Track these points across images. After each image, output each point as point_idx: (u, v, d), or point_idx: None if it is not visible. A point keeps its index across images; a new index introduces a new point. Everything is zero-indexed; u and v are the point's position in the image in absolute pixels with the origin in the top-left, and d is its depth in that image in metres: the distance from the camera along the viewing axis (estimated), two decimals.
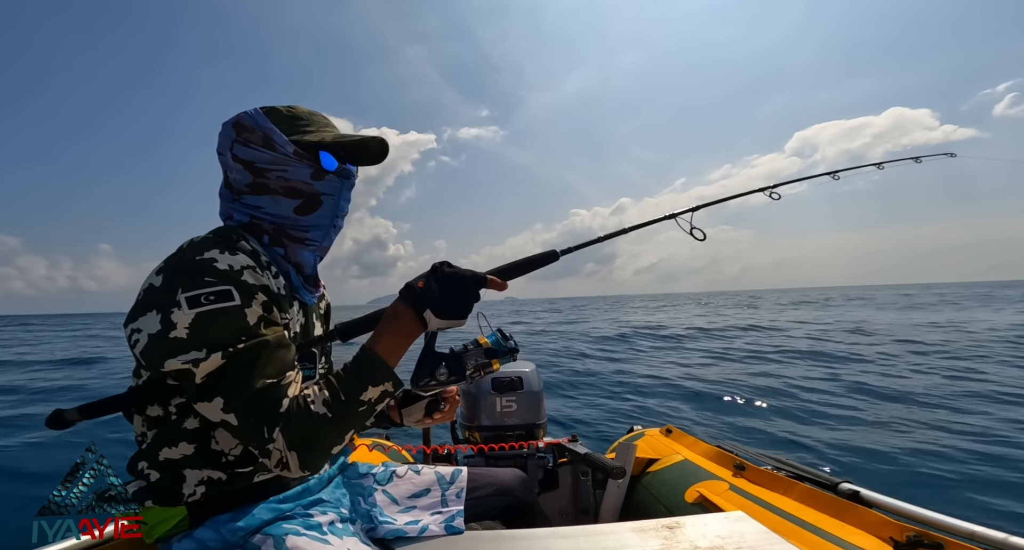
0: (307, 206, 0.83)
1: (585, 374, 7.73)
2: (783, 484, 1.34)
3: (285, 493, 0.81)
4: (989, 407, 4.89)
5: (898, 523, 1.01)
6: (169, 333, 0.66)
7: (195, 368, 0.66)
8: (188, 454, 0.75)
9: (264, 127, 0.80)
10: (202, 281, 0.68)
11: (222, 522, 0.75)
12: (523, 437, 1.89)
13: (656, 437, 2.04)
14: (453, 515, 1.05)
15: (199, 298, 0.66)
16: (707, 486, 1.44)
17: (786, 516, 1.16)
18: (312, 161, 0.82)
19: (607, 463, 1.49)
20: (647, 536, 1.03)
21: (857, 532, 1.04)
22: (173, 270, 0.69)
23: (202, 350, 0.66)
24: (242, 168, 0.81)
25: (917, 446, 3.78)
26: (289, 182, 0.82)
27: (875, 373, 6.88)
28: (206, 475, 0.75)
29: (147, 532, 0.78)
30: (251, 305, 0.70)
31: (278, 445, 0.66)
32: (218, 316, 0.67)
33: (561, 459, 1.90)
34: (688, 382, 6.75)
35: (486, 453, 1.83)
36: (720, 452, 1.67)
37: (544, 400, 2.00)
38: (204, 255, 0.70)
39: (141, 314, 0.68)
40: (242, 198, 0.83)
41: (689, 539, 1.02)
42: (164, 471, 0.75)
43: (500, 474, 1.18)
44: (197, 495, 0.75)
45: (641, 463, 1.77)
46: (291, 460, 0.67)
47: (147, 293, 0.69)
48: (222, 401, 0.67)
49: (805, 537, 1.05)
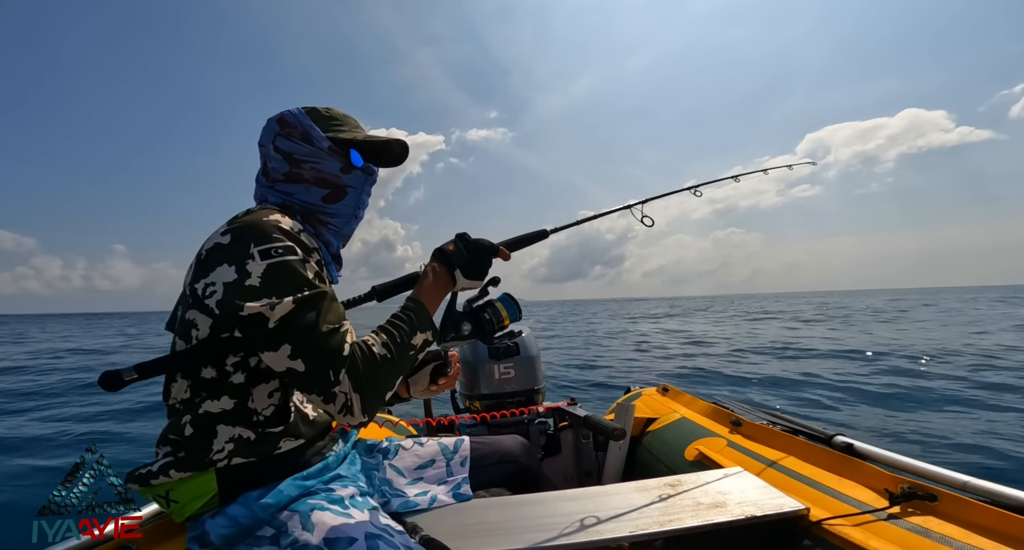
0: (334, 195, 0.93)
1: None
2: (779, 439, 1.38)
3: (308, 470, 0.85)
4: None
5: (892, 475, 1.04)
6: (245, 281, 0.73)
7: (270, 312, 0.71)
8: (227, 409, 0.78)
9: (304, 124, 0.90)
10: (271, 237, 0.76)
11: (253, 499, 0.78)
12: (523, 403, 1.91)
13: (653, 396, 2.08)
14: (459, 483, 1.07)
15: (269, 251, 0.75)
16: (705, 443, 1.48)
17: (783, 470, 1.19)
18: (343, 157, 0.92)
19: (607, 425, 1.52)
20: (650, 495, 1.06)
21: (852, 484, 1.08)
22: (243, 229, 0.77)
23: (276, 295, 0.72)
24: (281, 159, 0.90)
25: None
26: (320, 173, 0.91)
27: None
28: (237, 433, 0.78)
29: (177, 511, 0.78)
30: (309, 261, 0.79)
31: (343, 387, 0.72)
32: (286, 266, 0.75)
33: (562, 423, 1.93)
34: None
35: (488, 421, 1.85)
36: (716, 409, 1.71)
37: (541, 364, 2.02)
38: (270, 217, 0.79)
39: (211, 270, 0.75)
40: (277, 185, 0.92)
41: (691, 496, 1.05)
42: (199, 426, 0.77)
43: (502, 441, 1.20)
44: (224, 453, 0.77)
45: (640, 423, 1.81)
46: (355, 402, 0.73)
47: (215, 251, 0.76)
48: (289, 347, 0.71)
49: (803, 490, 1.08)
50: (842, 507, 0.99)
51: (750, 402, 1.72)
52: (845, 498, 1.02)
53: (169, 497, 0.77)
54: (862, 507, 0.97)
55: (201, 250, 0.78)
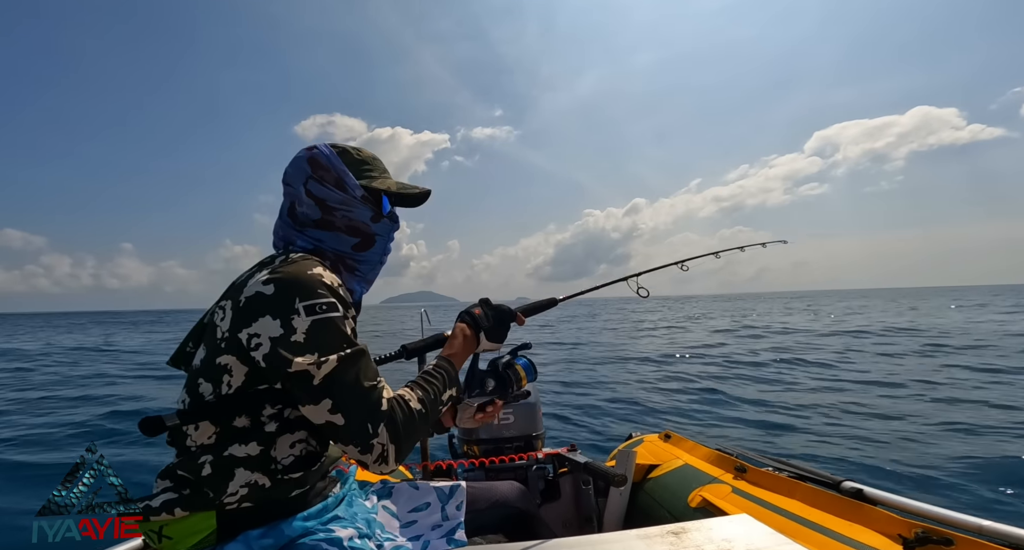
0: (363, 244, 0.94)
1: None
2: (786, 485, 1.33)
3: (308, 511, 0.83)
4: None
5: (905, 520, 1.00)
6: (291, 337, 0.73)
7: (316, 370, 0.72)
8: (252, 455, 0.77)
9: (338, 169, 0.91)
10: (315, 293, 0.76)
11: (253, 538, 0.76)
12: (522, 449, 1.86)
13: (655, 443, 2.03)
14: (454, 528, 1.03)
15: (314, 307, 0.75)
16: (709, 490, 1.43)
17: (791, 517, 1.15)
18: (374, 205, 0.93)
19: (608, 471, 1.47)
20: (652, 543, 1.01)
21: (864, 530, 1.03)
22: (288, 282, 0.76)
23: (319, 352, 0.73)
24: (313, 204, 0.90)
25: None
26: (352, 222, 0.92)
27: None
28: (254, 479, 0.77)
29: (169, 547, 0.75)
30: (348, 317, 0.80)
31: (382, 439, 0.74)
32: (330, 324, 0.76)
33: (561, 469, 1.87)
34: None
35: (486, 466, 1.80)
36: (720, 455, 1.66)
37: (541, 411, 1.98)
38: (313, 271, 0.79)
39: (254, 320, 0.75)
40: (307, 230, 0.92)
41: (695, 544, 1.00)
42: (219, 468, 0.76)
43: (499, 487, 1.16)
44: (236, 497, 0.75)
45: (642, 469, 1.75)
46: (391, 453, 0.75)
47: (258, 301, 0.76)
48: (331, 402, 0.73)
49: (812, 537, 1.04)
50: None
51: (755, 448, 1.68)
52: (857, 545, 0.97)
53: (162, 533, 0.75)
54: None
55: (239, 296, 0.78)
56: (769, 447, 4.37)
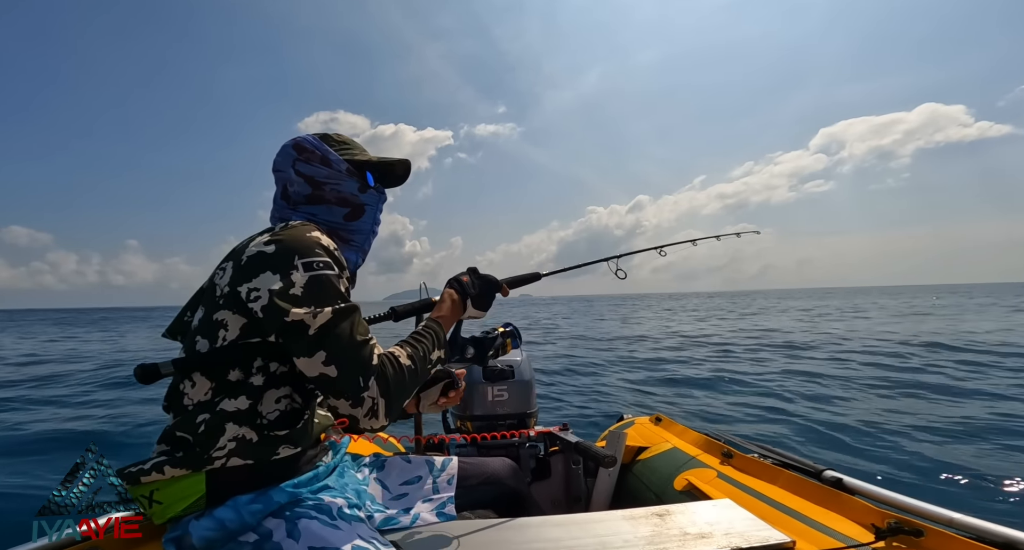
0: (354, 214, 1.00)
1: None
2: (769, 472, 1.37)
3: (299, 478, 0.85)
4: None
5: (879, 510, 1.03)
6: (289, 290, 0.78)
7: (312, 320, 0.77)
8: (241, 409, 0.80)
9: (321, 148, 0.98)
10: (313, 252, 0.82)
11: (242, 503, 0.78)
12: (515, 426, 1.89)
13: (646, 425, 2.06)
14: (444, 502, 1.06)
15: (312, 264, 0.81)
16: (695, 474, 1.46)
17: (772, 503, 1.18)
18: (359, 177, 1.01)
19: (598, 451, 1.51)
20: (637, 524, 1.05)
21: (840, 519, 1.07)
22: (288, 241, 0.82)
23: (316, 305, 0.78)
24: (303, 182, 0.97)
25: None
26: (341, 194, 0.99)
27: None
28: (242, 433, 0.80)
29: (159, 512, 0.77)
30: (342, 277, 0.85)
31: (372, 393, 0.77)
32: (326, 279, 0.81)
33: (552, 448, 1.91)
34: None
35: (478, 442, 1.84)
36: (708, 440, 1.70)
37: (535, 389, 2.01)
38: (311, 233, 0.86)
39: (254, 275, 0.79)
40: (299, 207, 0.98)
41: (679, 526, 1.04)
42: (212, 424, 0.79)
43: (490, 463, 1.19)
44: (224, 452, 0.78)
45: (631, 451, 1.79)
46: (381, 407, 0.79)
47: (258, 258, 0.81)
48: (324, 354, 0.76)
49: (790, 523, 1.07)
50: (828, 541, 0.98)
51: (743, 435, 1.71)
52: (831, 532, 1.01)
53: (152, 498, 0.77)
54: (848, 541, 0.97)
55: (241, 256, 0.82)
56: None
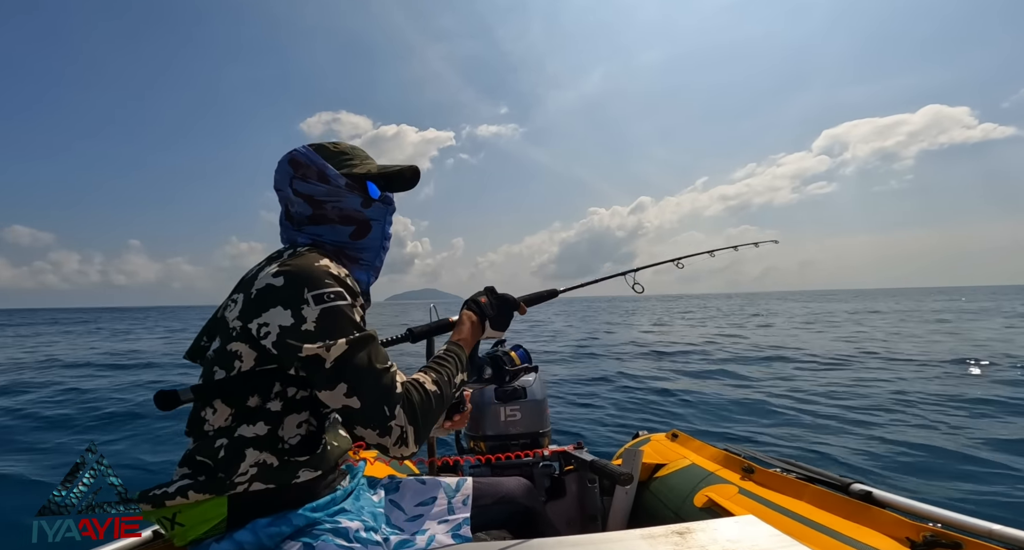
0: (360, 231, 0.96)
1: None
2: (793, 486, 1.32)
3: (317, 502, 0.84)
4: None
5: (913, 523, 0.99)
6: (301, 326, 0.76)
7: (326, 353, 0.75)
8: (260, 434, 0.79)
9: (317, 163, 0.92)
10: (323, 282, 0.80)
11: (261, 526, 0.77)
12: (528, 446, 1.86)
13: (662, 442, 2.02)
14: (459, 523, 1.03)
15: (322, 296, 0.78)
16: (716, 490, 1.42)
17: (798, 518, 1.14)
18: (361, 191, 0.95)
19: (614, 469, 1.47)
20: (657, 542, 1.01)
21: (872, 533, 1.02)
22: (296, 273, 0.80)
23: (330, 337, 0.76)
24: (303, 202, 0.93)
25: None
26: (343, 211, 0.94)
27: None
28: (263, 458, 0.79)
29: (181, 534, 0.77)
30: (355, 306, 0.83)
31: (399, 421, 0.76)
32: (338, 311, 0.79)
33: (567, 467, 1.88)
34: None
35: (492, 463, 1.81)
36: (728, 455, 1.65)
37: (548, 408, 1.98)
38: (319, 263, 0.83)
39: (264, 310, 0.78)
40: (304, 228, 0.95)
41: (700, 544, 1.00)
42: (232, 450, 0.78)
43: (505, 483, 1.17)
44: (247, 477, 0.76)
45: (648, 469, 1.75)
46: (410, 435, 0.78)
47: (268, 292, 0.79)
48: (346, 386, 0.75)
49: (819, 539, 1.03)
50: None
51: (763, 450, 1.67)
52: (863, 547, 0.97)
53: (175, 520, 0.76)
54: None
55: (251, 289, 0.81)
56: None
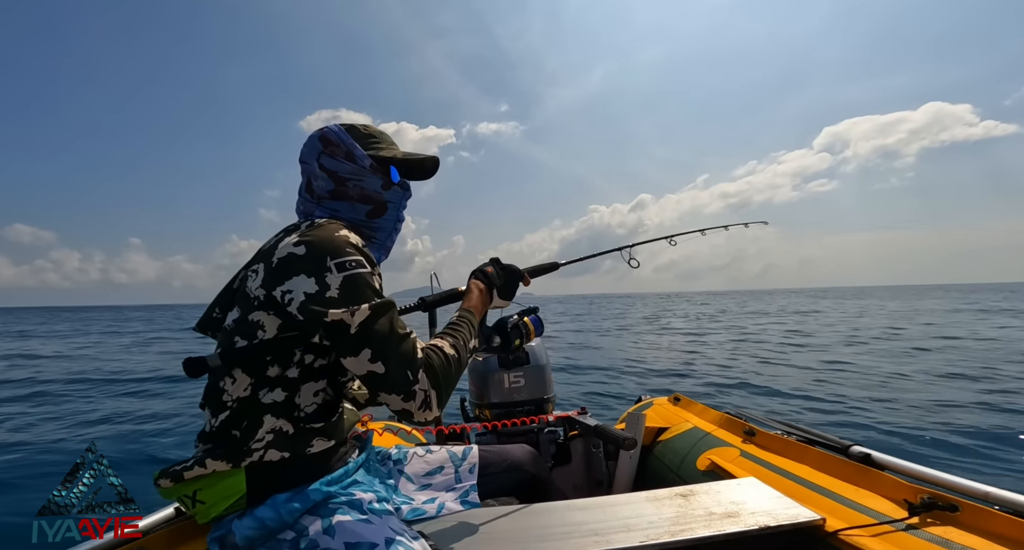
0: (376, 211, 0.98)
1: None
2: (794, 449, 1.35)
3: (331, 475, 0.87)
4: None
5: (912, 485, 1.01)
6: (326, 293, 0.77)
7: (351, 318, 0.76)
8: (278, 401, 0.82)
9: (347, 142, 0.95)
10: (344, 251, 0.81)
11: (281, 501, 0.80)
12: (533, 412, 1.89)
13: (665, 406, 2.05)
14: (467, 490, 1.06)
15: (345, 264, 0.80)
16: (718, 453, 1.45)
17: (798, 480, 1.17)
18: (383, 174, 0.97)
19: (618, 434, 1.50)
20: (661, 505, 1.05)
21: (870, 495, 1.05)
22: (318, 242, 0.81)
23: (353, 303, 0.77)
24: (327, 177, 0.95)
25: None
26: (364, 191, 0.96)
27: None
28: (279, 425, 0.81)
29: (203, 511, 0.79)
30: (375, 273, 0.85)
31: (423, 385, 0.78)
32: (360, 278, 0.80)
33: (572, 432, 1.91)
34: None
35: (498, 430, 1.84)
36: (729, 418, 1.68)
37: (551, 373, 2.01)
38: (340, 232, 0.84)
39: (287, 278, 0.79)
40: (323, 202, 0.96)
41: (703, 506, 1.03)
42: (250, 416, 0.80)
43: (510, 450, 1.19)
44: (263, 444, 0.79)
45: (651, 432, 1.78)
46: (433, 398, 0.80)
47: (290, 260, 0.80)
48: (370, 351, 0.77)
49: (819, 501, 1.06)
50: (859, 517, 0.96)
51: (764, 412, 1.69)
52: (862, 508, 0.99)
53: (196, 498, 0.78)
54: (880, 518, 0.95)
55: (271, 258, 0.81)
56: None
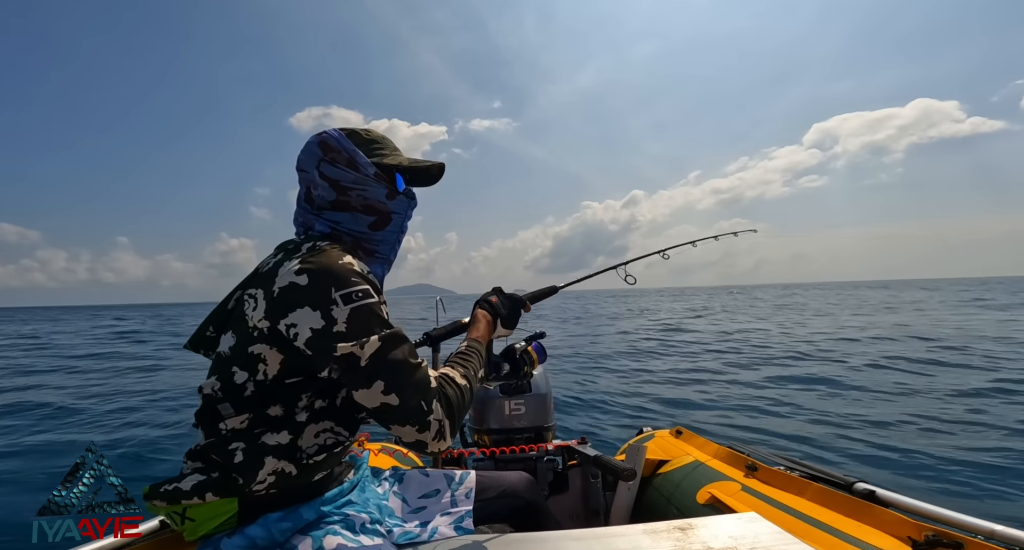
0: (380, 222, 0.93)
1: None
2: (797, 484, 1.32)
3: (325, 496, 0.85)
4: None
5: (916, 523, 0.98)
6: (333, 328, 0.74)
7: (360, 351, 0.74)
8: (282, 443, 0.79)
9: (348, 149, 0.90)
10: (349, 281, 0.77)
11: (273, 520, 0.78)
12: (532, 440, 1.87)
13: (666, 438, 2.02)
14: (462, 516, 1.04)
15: (350, 295, 0.76)
16: (719, 487, 1.42)
17: (800, 516, 1.14)
18: (388, 182, 0.93)
19: (617, 465, 1.48)
20: (659, 538, 1.02)
21: (874, 532, 1.02)
22: (321, 272, 0.77)
23: (362, 335, 0.75)
24: (327, 186, 0.90)
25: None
26: (367, 200, 0.91)
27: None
28: (281, 466, 0.79)
29: (191, 529, 0.77)
30: (381, 302, 0.83)
31: (437, 415, 0.76)
32: (367, 309, 0.77)
33: (571, 462, 1.88)
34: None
35: (496, 456, 1.82)
36: (731, 453, 1.65)
37: (552, 403, 1.99)
38: (343, 260, 0.80)
39: (291, 310, 0.76)
40: (323, 213, 0.92)
41: (701, 540, 1.00)
42: (251, 455, 0.77)
43: (507, 477, 1.18)
44: (264, 485, 0.77)
45: (651, 465, 1.75)
46: (447, 427, 0.78)
47: (292, 291, 0.76)
48: (382, 384, 0.74)
49: (820, 537, 1.03)
50: None
51: (767, 447, 1.66)
52: (865, 546, 0.97)
53: (185, 515, 0.77)
54: None
55: (272, 286, 0.78)
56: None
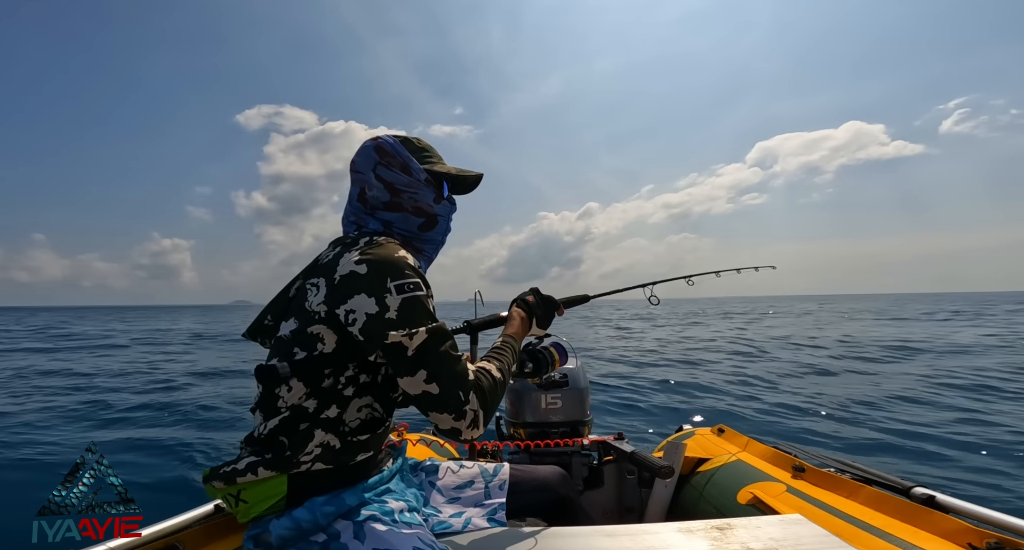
0: (428, 224, 1.01)
1: None
2: (848, 487, 1.26)
3: (367, 482, 0.89)
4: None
5: (976, 528, 0.91)
6: (385, 314, 0.81)
7: (409, 341, 0.80)
8: (330, 416, 0.85)
9: (402, 154, 0.98)
10: (404, 273, 0.84)
11: (318, 504, 0.82)
12: (568, 434, 1.86)
13: (707, 436, 1.96)
14: (495, 508, 1.05)
15: (404, 286, 0.83)
16: (762, 487, 1.37)
17: (849, 520, 1.08)
18: (436, 188, 1.01)
19: (654, 462, 1.45)
20: (694, 537, 1.00)
21: (930, 537, 0.96)
22: (379, 262, 0.84)
23: (411, 326, 0.81)
24: (382, 187, 0.97)
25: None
26: (418, 203, 0.99)
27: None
28: (328, 439, 0.84)
29: (244, 511, 0.82)
30: (430, 296, 0.88)
31: (473, 405, 0.81)
32: (418, 301, 0.84)
33: (607, 457, 1.86)
34: None
35: (531, 450, 1.82)
36: (777, 453, 1.59)
37: (589, 397, 1.97)
38: (399, 253, 0.87)
39: (349, 297, 0.82)
40: (377, 213, 0.99)
41: (740, 541, 0.97)
42: (302, 427, 0.83)
43: (540, 471, 1.18)
44: (311, 457, 0.82)
45: (691, 462, 1.71)
46: (480, 417, 0.83)
47: (352, 279, 0.83)
48: (426, 373, 0.80)
49: (870, 541, 0.98)
50: None
51: (817, 449, 1.59)
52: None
53: (240, 497, 0.82)
54: None
55: (333, 274, 0.85)
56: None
